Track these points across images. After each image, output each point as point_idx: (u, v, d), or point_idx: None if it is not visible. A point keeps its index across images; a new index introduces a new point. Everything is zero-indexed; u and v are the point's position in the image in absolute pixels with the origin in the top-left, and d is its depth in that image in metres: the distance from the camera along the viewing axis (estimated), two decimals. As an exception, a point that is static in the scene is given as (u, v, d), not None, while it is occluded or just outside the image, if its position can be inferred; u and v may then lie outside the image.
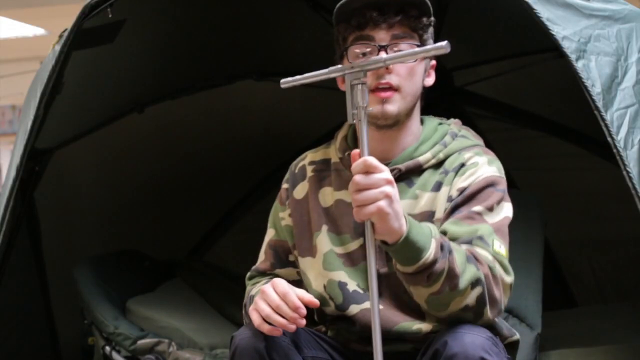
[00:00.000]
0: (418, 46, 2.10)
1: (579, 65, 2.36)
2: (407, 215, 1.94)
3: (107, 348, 3.31)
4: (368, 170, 1.87)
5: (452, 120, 2.27)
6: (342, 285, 2.16)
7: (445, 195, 2.11)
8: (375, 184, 1.86)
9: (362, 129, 1.90)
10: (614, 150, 2.33)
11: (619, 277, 3.83)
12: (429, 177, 2.14)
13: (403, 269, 1.95)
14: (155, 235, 4.00)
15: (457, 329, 1.96)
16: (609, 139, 2.33)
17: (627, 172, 2.30)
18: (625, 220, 2.84)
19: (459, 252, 1.95)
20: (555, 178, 3.58)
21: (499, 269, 2.01)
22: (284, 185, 2.32)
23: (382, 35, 2.09)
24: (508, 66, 3.37)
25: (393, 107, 2.08)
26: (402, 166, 2.14)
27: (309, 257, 2.22)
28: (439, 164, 2.15)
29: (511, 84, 3.53)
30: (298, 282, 2.24)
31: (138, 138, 3.79)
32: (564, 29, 2.39)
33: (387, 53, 2.07)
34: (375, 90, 2.07)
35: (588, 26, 2.46)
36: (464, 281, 1.94)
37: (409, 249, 1.91)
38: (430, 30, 2.14)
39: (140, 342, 3.27)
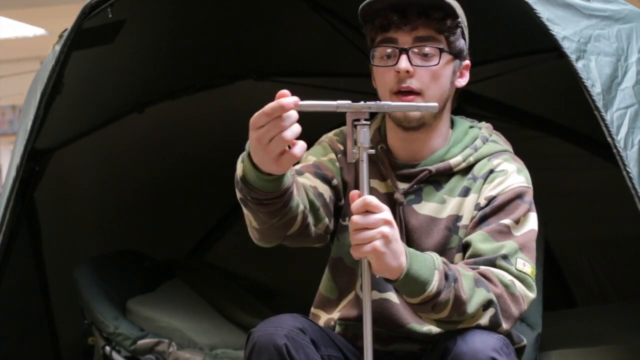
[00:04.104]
0: (441, 49, 2.08)
1: (579, 65, 2.36)
2: (409, 249, 1.94)
3: (107, 348, 3.31)
4: (367, 210, 1.85)
5: (483, 123, 2.26)
6: None
7: (472, 202, 2.11)
8: (373, 224, 1.84)
9: (362, 169, 1.88)
10: (614, 150, 2.33)
11: (619, 277, 3.82)
12: (457, 182, 2.14)
13: (408, 300, 1.96)
14: (155, 235, 3.99)
15: (468, 328, 1.97)
16: (609, 139, 2.33)
17: (627, 172, 2.30)
18: (625, 220, 2.83)
19: (466, 278, 1.96)
20: (555, 178, 3.57)
21: (520, 287, 2.01)
22: (336, 141, 2.24)
23: (404, 38, 2.07)
24: (508, 66, 3.37)
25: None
26: (433, 167, 2.13)
27: None
28: (467, 169, 2.15)
29: (511, 84, 3.52)
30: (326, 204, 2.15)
31: (138, 138, 3.79)
32: (564, 29, 2.39)
33: (408, 56, 2.06)
34: (397, 93, 2.07)
35: (588, 26, 2.46)
36: (472, 306, 1.94)
37: (410, 284, 1.91)
38: (459, 31, 2.11)
39: (140, 342, 3.27)
